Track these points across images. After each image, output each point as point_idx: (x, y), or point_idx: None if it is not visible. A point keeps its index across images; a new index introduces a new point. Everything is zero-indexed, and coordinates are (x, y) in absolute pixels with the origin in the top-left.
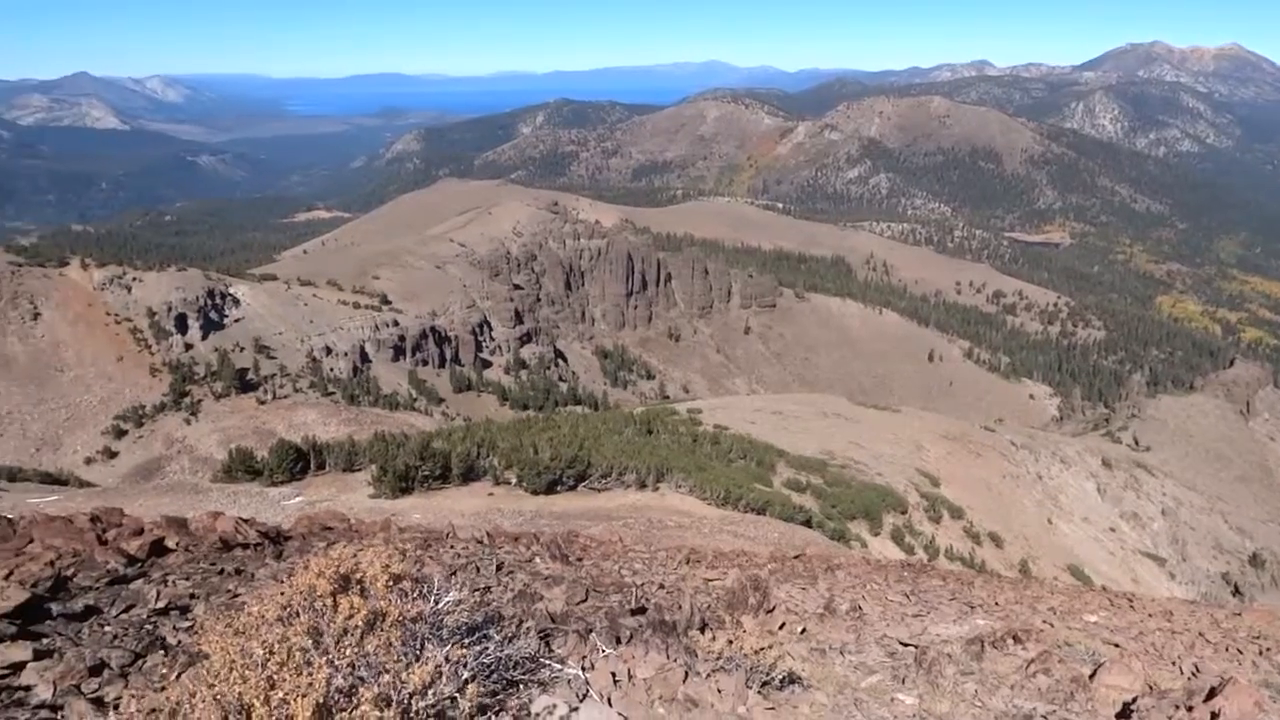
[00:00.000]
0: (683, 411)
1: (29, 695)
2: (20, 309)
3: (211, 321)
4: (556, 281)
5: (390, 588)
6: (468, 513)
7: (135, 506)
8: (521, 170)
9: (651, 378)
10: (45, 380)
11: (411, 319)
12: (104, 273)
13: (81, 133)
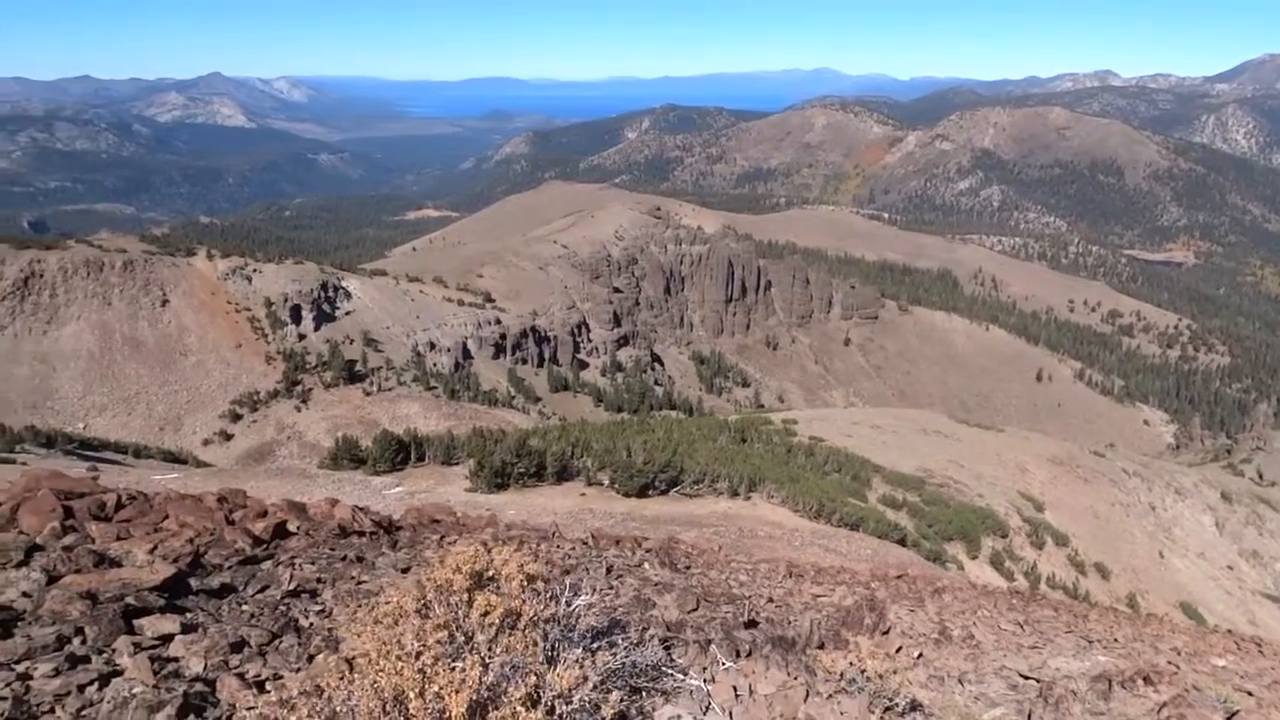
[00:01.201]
0: (777, 421)
1: (181, 667)
2: (151, 295)
3: (324, 313)
4: (656, 286)
5: (524, 588)
6: (560, 512)
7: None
8: (626, 174)
9: (747, 386)
10: (171, 363)
11: (513, 318)
12: (227, 263)
13: (213, 130)
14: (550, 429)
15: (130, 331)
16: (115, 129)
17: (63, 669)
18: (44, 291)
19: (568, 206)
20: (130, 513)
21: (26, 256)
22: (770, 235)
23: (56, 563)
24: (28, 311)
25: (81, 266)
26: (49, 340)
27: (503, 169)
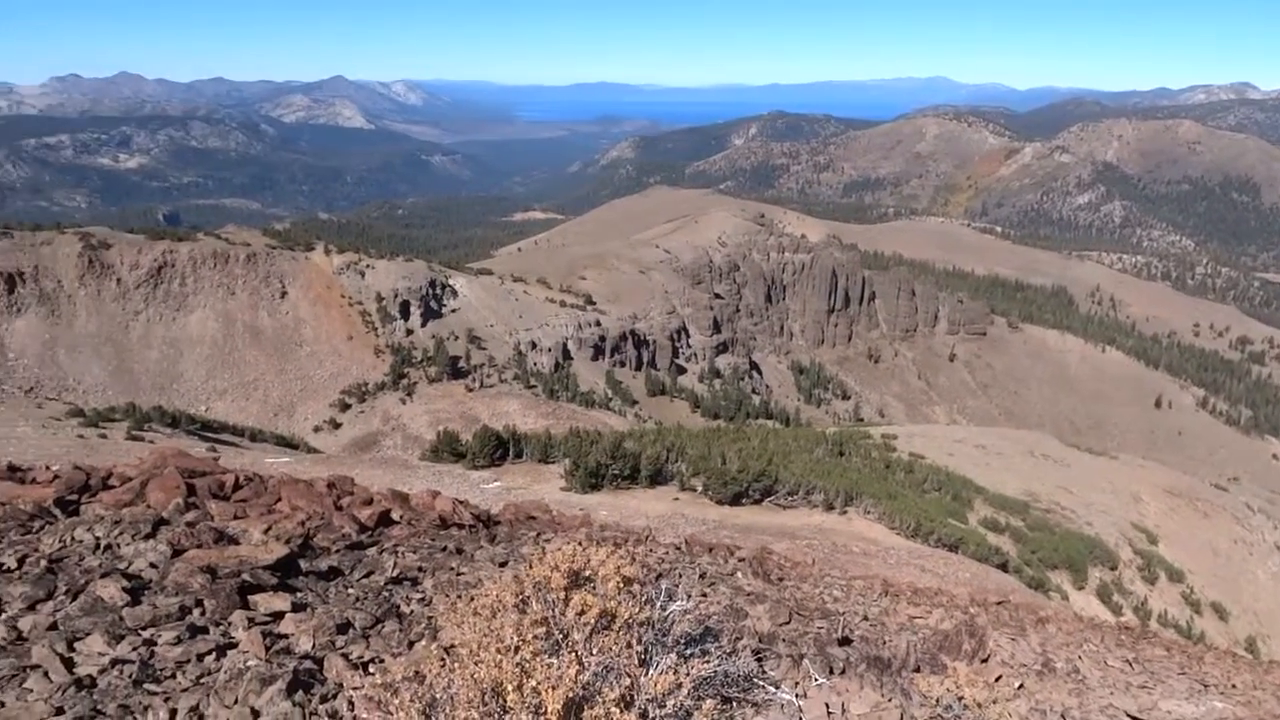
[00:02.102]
0: (877, 436)
1: (290, 644)
2: (271, 287)
3: (431, 310)
4: (757, 293)
5: (620, 590)
6: (653, 515)
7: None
8: (731, 181)
9: (847, 398)
10: (287, 353)
11: (613, 320)
12: (342, 259)
13: (334, 130)
14: (646, 432)
15: (251, 321)
16: (244, 128)
17: (184, 637)
18: (175, 280)
19: (671, 212)
20: (246, 493)
21: (160, 247)
22: (876, 246)
23: (180, 537)
24: (159, 299)
25: (209, 258)
26: (177, 326)
27: (608, 173)
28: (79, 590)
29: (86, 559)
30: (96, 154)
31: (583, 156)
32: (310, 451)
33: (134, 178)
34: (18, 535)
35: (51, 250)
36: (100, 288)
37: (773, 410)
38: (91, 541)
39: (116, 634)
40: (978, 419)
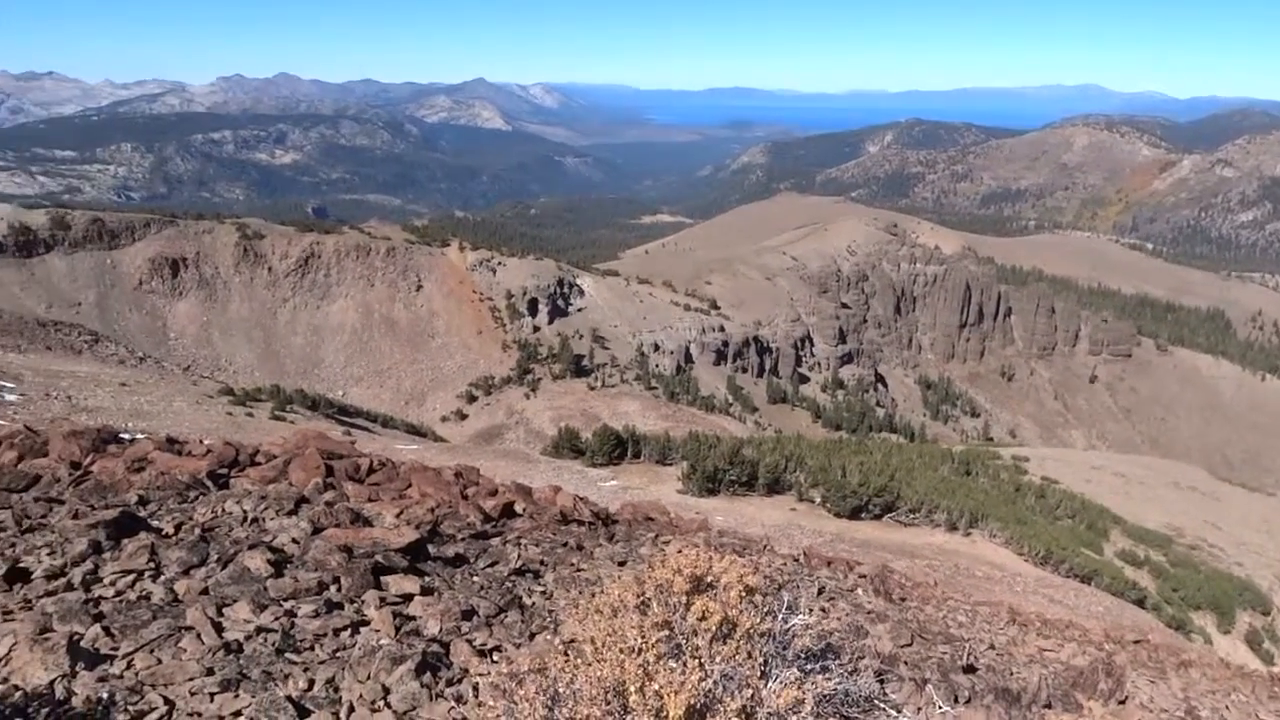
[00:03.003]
0: (1007, 457)
1: (419, 626)
2: (408, 280)
3: (558, 308)
4: (886, 304)
5: (742, 598)
6: (768, 524)
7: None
8: (863, 189)
9: (976, 416)
10: (419, 344)
11: (736, 326)
12: (476, 255)
13: (472, 131)
14: (765, 440)
15: (388, 312)
16: (389, 128)
17: (321, 612)
18: (320, 271)
19: (800, 218)
20: (379, 477)
21: (308, 239)
22: (1014, 260)
23: (320, 516)
24: (305, 287)
25: (352, 250)
26: (320, 314)
27: (738, 178)
28: (228, 559)
29: (235, 530)
30: (255, 150)
31: (713, 161)
32: (437, 440)
33: (287, 173)
34: (175, 503)
35: (212, 239)
36: (253, 275)
37: (897, 424)
38: (240, 514)
39: (261, 603)
40: (1118, 445)
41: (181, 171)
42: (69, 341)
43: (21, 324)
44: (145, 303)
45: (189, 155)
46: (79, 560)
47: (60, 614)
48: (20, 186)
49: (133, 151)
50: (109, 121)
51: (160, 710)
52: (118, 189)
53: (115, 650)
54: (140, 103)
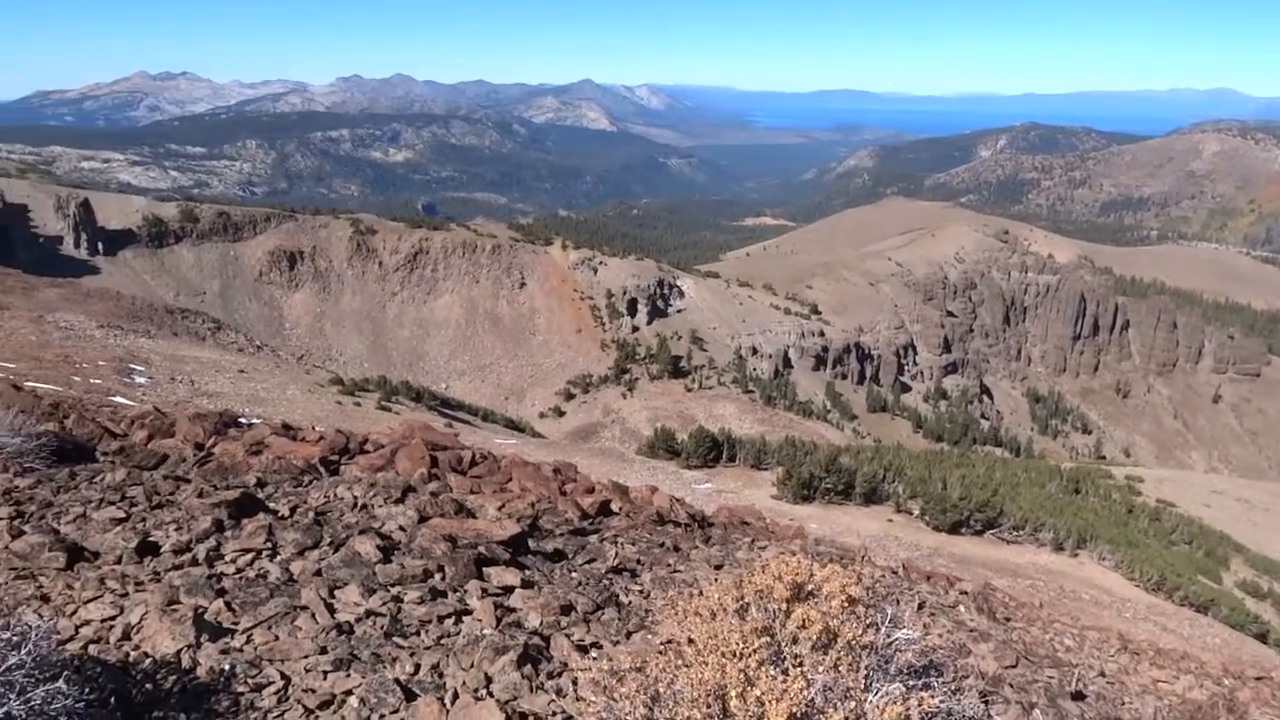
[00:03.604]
0: (1120, 476)
1: (520, 618)
2: (512, 278)
3: (657, 309)
4: (994, 314)
5: (844, 609)
6: (864, 534)
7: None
8: (973, 194)
9: (1088, 432)
10: (521, 340)
11: (837, 331)
12: (578, 254)
13: (578, 132)
14: (863, 448)
15: (491, 308)
16: (498, 128)
17: (426, 599)
18: (428, 266)
19: (906, 224)
20: (481, 470)
21: (418, 235)
22: (1134, 271)
23: (426, 505)
24: (414, 282)
25: (459, 247)
26: (427, 309)
27: (843, 182)
28: (340, 543)
29: (346, 515)
30: (370, 148)
31: (818, 164)
32: (535, 436)
33: (400, 170)
34: (290, 487)
35: (327, 233)
36: (365, 269)
37: (1002, 438)
38: (350, 500)
39: (370, 587)
40: (1243, 469)
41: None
42: (194, 328)
43: (151, 310)
44: (264, 293)
45: (308, 152)
46: (203, 537)
47: (186, 587)
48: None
49: (257, 148)
50: (236, 120)
51: (277, 685)
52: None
53: (236, 625)
54: (265, 102)
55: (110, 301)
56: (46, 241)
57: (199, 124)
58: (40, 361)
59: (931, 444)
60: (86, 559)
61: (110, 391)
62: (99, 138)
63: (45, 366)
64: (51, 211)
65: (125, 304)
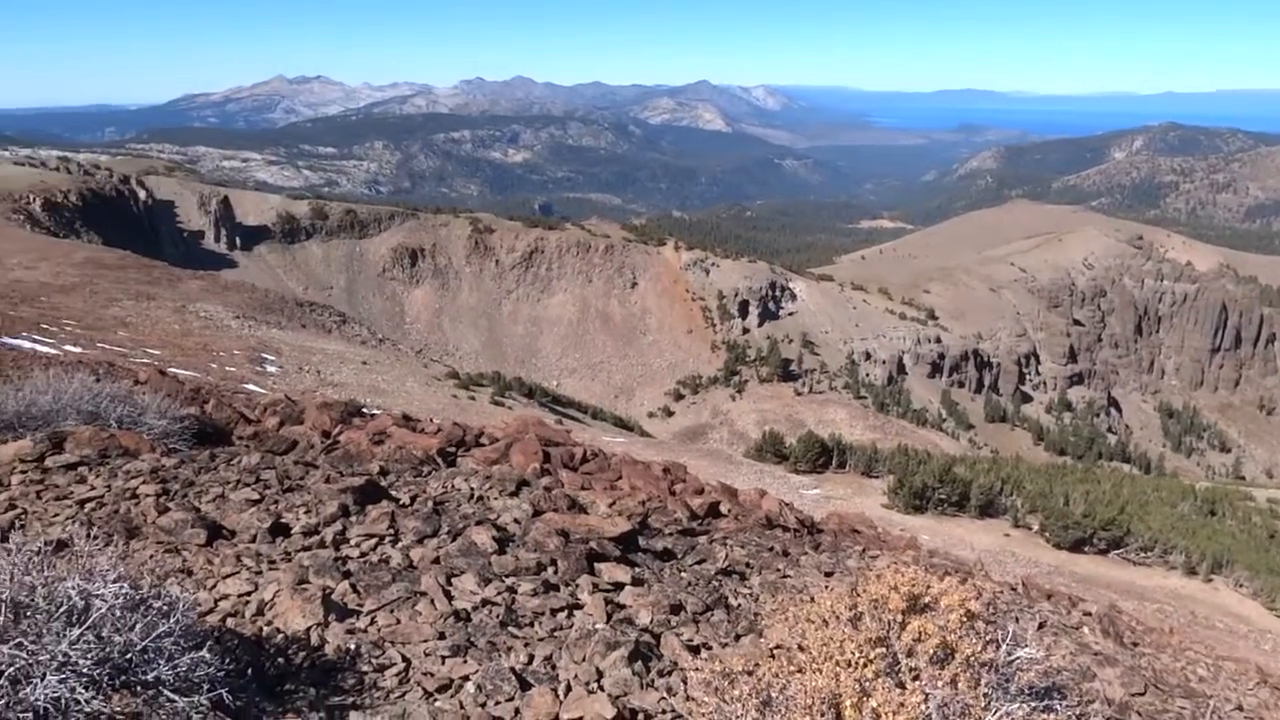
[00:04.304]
0: (1261, 499)
1: (630, 615)
2: (624, 278)
3: (769, 311)
4: (1125, 323)
5: (963, 624)
6: (978, 548)
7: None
8: (1105, 198)
9: (1226, 451)
10: (631, 340)
11: (955, 338)
12: (690, 255)
13: (694, 133)
14: (980, 459)
15: (603, 307)
16: (614, 129)
17: (539, 591)
18: (542, 265)
19: (1032, 228)
20: (592, 467)
21: (533, 235)
22: None
23: (539, 499)
24: (529, 280)
25: (573, 247)
26: (540, 307)
27: (965, 184)
28: (457, 533)
29: (463, 506)
30: (490, 149)
31: (939, 166)
32: (643, 435)
33: (518, 171)
34: (410, 476)
35: (447, 231)
36: (482, 267)
37: (1130, 454)
38: (467, 491)
39: (485, 577)
40: None
41: (424, 168)
42: (321, 321)
43: (283, 303)
44: (387, 288)
45: (431, 153)
46: (330, 521)
47: (315, 568)
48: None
49: (383, 149)
50: (365, 121)
51: (399, 666)
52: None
53: (360, 606)
54: (392, 104)
55: (246, 294)
56: (190, 236)
57: (331, 125)
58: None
59: (1053, 457)
60: (224, 536)
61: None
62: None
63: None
64: (195, 208)
65: (259, 296)
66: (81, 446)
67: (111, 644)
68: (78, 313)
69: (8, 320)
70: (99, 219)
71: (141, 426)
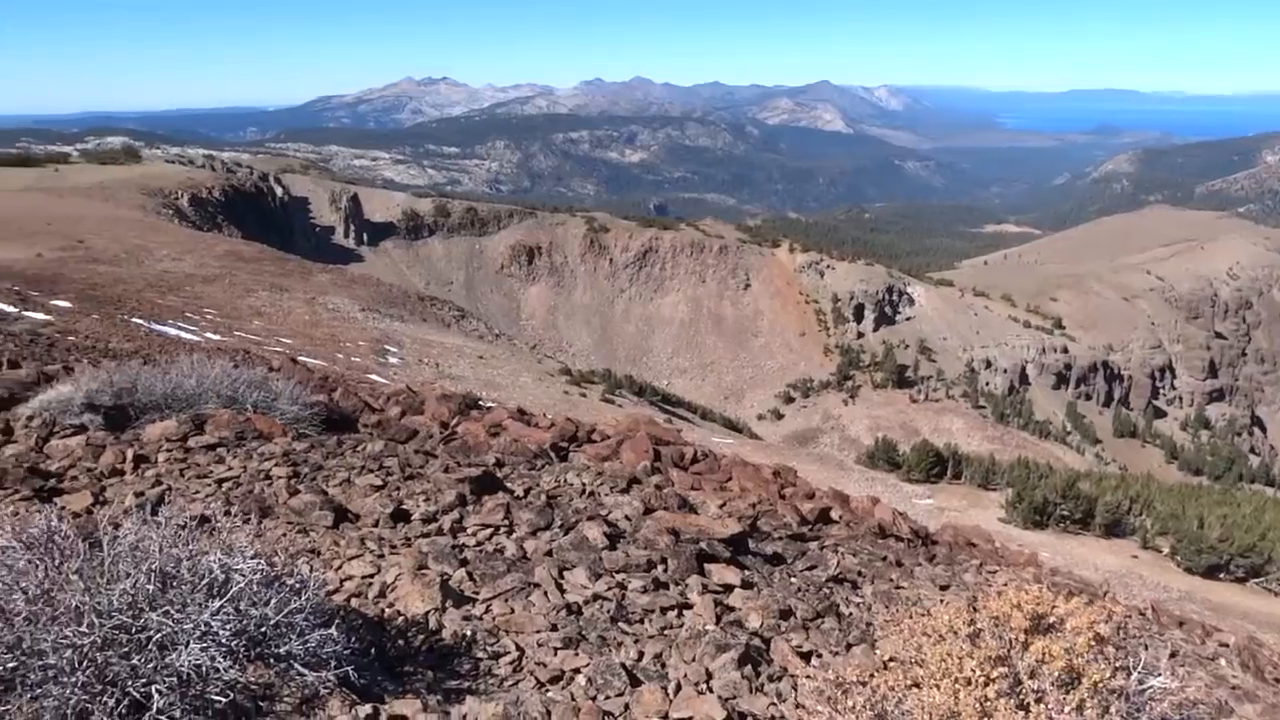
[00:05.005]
0: None
1: (739, 618)
2: (737, 279)
3: (885, 316)
4: (1273, 337)
5: (1091, 647)
6: (1102, 569)
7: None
8: (1254, 204)
9: None
10: (743, 341)
11: (1083, 348)
12: (805, 257)
13: (812, 133)
14: (1107, 476)
15: (715, 308)
16: (731, 129)
17: (649, 589)
18: (656, 265)
19: (1171, 235)
20: (701, 467)
21: (648, 234)
22: None
23: (650, 497)
24: (641, 280)
25: (687, 247)
26: (652, 306)
27: (1099, 188)
28: (570, 527)
29: (574, 501)
30: (607, 149)
31: (1071, 169)
32: (752, 437)
33: (634, 171)
34: (525, 469)
35: (563, 230)
36: (596, 265)
37: (1275, 476)
38: (579, 486)
39: (596, 572)
40: None
41: (543, 167)
42: (440, 315)
43: (406, 297)
44: (504, 285)
45: (550, 153)
46: (448, 509)
47: (434, 555)
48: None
49: (504, 148)
50: (487, 121)
51: (513, 655)
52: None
53: (476, 594)
54: (514, 105)
55: (371, 287)
56: (322, 231)
57: (455, 125)
58: (311, 339)
59: (1188, 477)
60: (349, 520)
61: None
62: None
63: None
64: (327, 204)
65: (383, 290)
66: (220, 429)
67: (248, 617)
68: (218, 302)
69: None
70: (240, 214)
71: (275, 412)
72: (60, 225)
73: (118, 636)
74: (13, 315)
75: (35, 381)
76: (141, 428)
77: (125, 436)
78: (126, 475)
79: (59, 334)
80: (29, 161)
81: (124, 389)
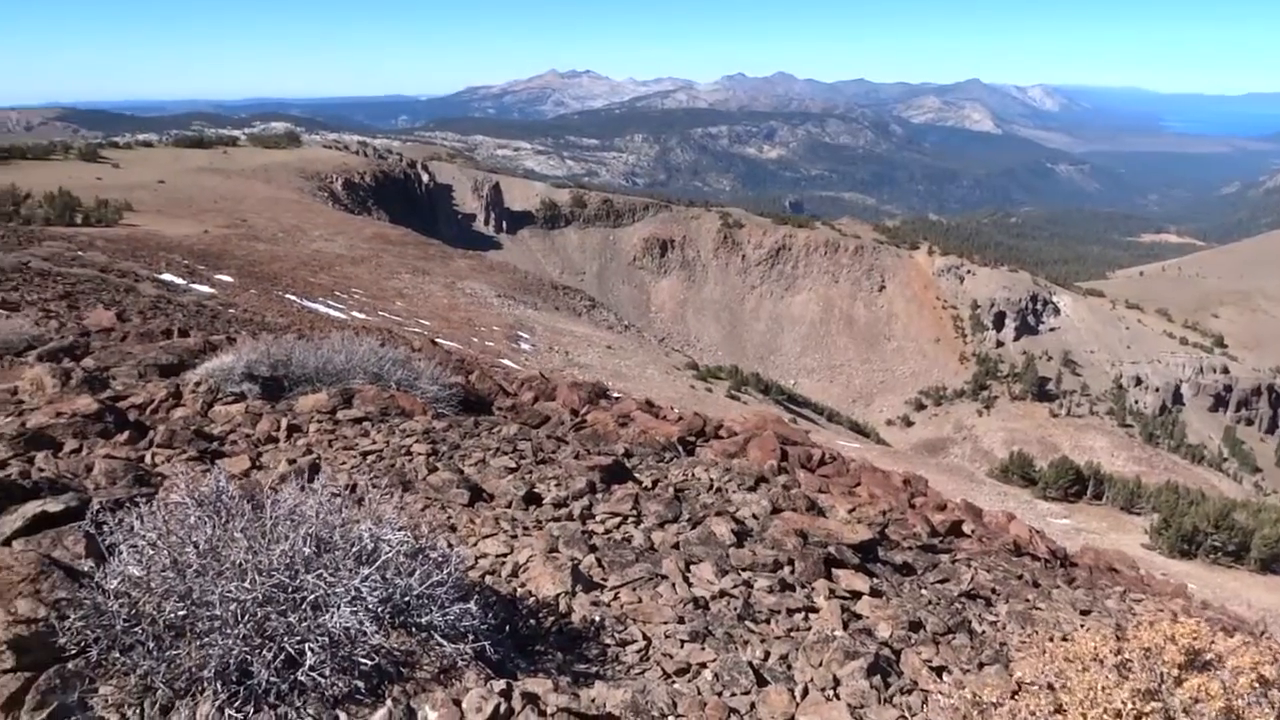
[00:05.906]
0: None
1: (867, 626)
2: (872, 280)
3: (1027, 325)
4: None
5: (1254, 690)
6: (1256, 605)
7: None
8: None
9: None
10: (875, 344)
11: (1246, 370)
12: (944, 261)
13: (959, 133)
14: (1267, 507)
15: (847, 309)
16: (874, 127)
17: (775, 589)
18: (788, 263)
19: None
20: (829, 470)
21: (781, 232)
22: None
23: (778, 497)
24: (773, 277)
25: (821, 246)
26: (783, 305)
27: (1273, 198)
28: (697, 521)
29: (702, 495)
30: (745, 144)
31: (1243, 177)
32: (879, 443)
33: (771, 167)
34: (653, 461)
35: (697, 224)
36: (728, 261)
37: None
38: (707, 481)
39: (723, 568)
40: None
41: (680, 161)
42: (572, 304)
43: (540, 285)
44: (635, 277)
45: (687, 147)
46: (578, 496)
47: (565, 539)
48: (553, 169)
49: (642, 142)
50: (627, 115)
51: (640, 644)
52: (626, 175)
53: (605, 581)
54: (655, 99)
55: (508, 274)
56: (463, 218)
57: (595, 118)
58: (449, 322)
59: None
60: (484, 499)
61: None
62: (512, 128)
63: (452, 326)
64: (469, 192)
65: (519, 278)
66: (367, 404)
67: (394, 586)
68: (364, 283)
69: (309, 286)
70: (388, 198)
71: (416, 390)
72: (226, 204)
73: (276, 595)
74: (182, 287)
75: (201, 350)
76: (294, 398)
77: (280, 406)
78: (280, 443)
79: (221, 306)
80: (203, 143)
81: (280, 361)
